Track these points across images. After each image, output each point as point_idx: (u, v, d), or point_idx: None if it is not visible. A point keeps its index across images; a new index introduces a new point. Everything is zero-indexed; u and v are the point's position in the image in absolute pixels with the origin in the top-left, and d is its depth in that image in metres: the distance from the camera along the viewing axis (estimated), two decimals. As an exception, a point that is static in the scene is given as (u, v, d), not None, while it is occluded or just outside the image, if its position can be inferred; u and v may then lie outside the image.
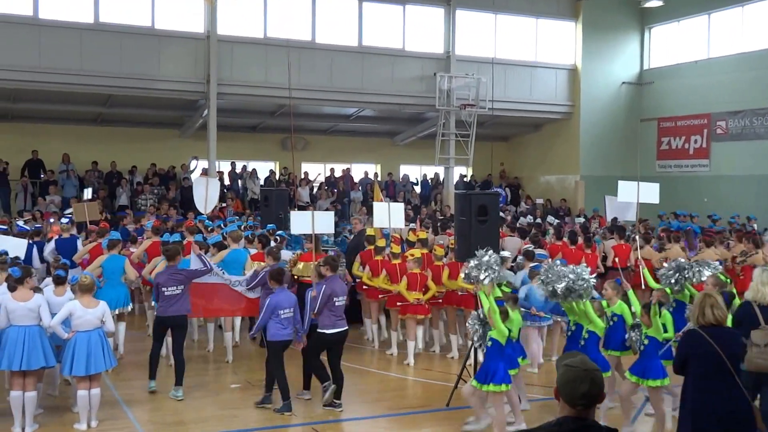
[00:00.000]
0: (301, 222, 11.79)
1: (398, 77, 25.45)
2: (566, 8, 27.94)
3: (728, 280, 9.97)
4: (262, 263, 11.22)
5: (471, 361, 9.69)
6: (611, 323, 9.18)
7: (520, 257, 13.79)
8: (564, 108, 28.07)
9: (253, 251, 12.66)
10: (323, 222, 11.85)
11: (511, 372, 8.55)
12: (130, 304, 11.93)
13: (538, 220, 22.61)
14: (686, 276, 9.93)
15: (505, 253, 12.94)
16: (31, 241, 13.37)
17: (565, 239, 15.88)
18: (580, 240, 15.45)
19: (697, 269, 9.93)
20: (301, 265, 12.21)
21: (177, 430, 8.76)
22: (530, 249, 13.54)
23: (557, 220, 21.22)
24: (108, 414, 9.00)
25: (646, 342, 8.39)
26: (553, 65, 27.84)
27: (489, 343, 8.24)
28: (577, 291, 8.37)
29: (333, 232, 13.76)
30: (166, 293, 9.76)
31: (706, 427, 6.01)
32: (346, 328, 9.59)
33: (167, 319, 9.90)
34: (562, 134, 28.63)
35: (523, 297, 11.08)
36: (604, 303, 9.28)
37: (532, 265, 12.63)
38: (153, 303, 11.00)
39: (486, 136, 28.37)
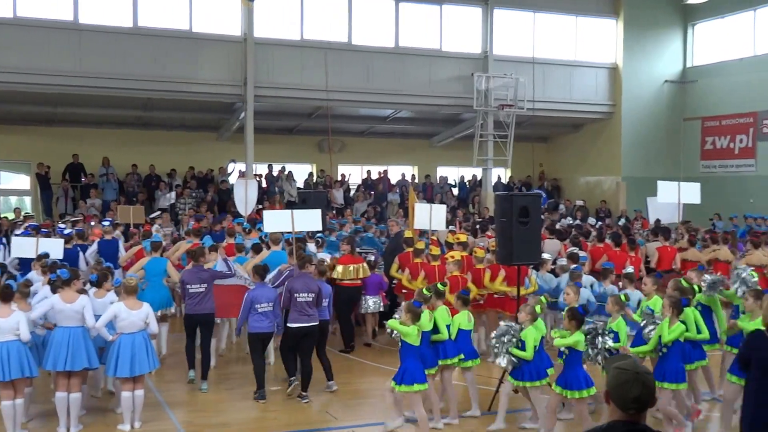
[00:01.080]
0: (276, 220, 11.79)
1: (435, 78, 25.24)
2: (607, 5, 27.48)
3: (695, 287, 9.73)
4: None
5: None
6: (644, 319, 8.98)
7: (559, 260, 13.52)
8: (605, 108, 27.61)
9: (325, 254, 12.62)
10: (309, 220, 11.86)
11: (430, 371, 8.66)
12: (173, 305, 11.91)
13: (578, 222, 22.26)
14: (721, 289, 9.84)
15: (545, 256, 12.71)
16: (76, 244, 13.46)
17: (607, 241, 15.53)
18: (624, 242, 15.09)
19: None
20: (339, 269, 12.07)
21: (214, 433, 8.69)
22: (575, 251, 13.26)
23: (599, 222, 20.84)
24: (151, 415, 9.00)
25: (566, 353, 8.11)
26: (593, 64, 27.41)
27: (400, 344, 8.36)
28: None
29: (320, 229, 13.45)
30: (190, 290, 10.13)
31: (760, 427, 5.95)
32: (312, 324, 9.75)
33: (193, 316, 10.22)
34: (603, 134, 28.16)
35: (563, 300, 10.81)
36: (622, 296, 9.16)
37: (573, 266, 12.39)
38: None
39: (525, 136, 28.02)
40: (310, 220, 12.04)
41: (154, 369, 8.95)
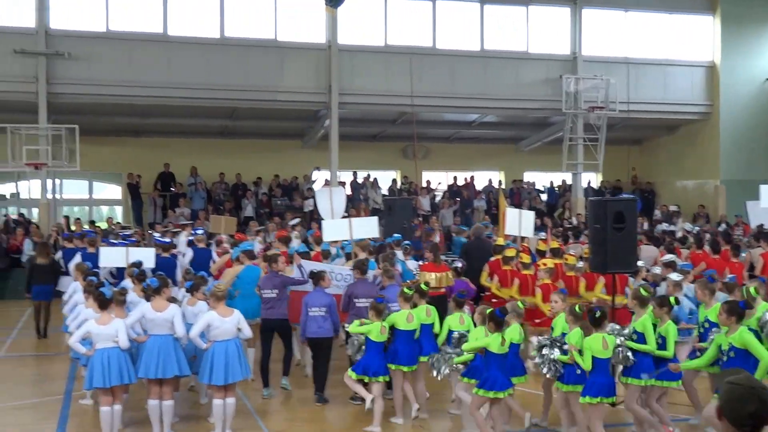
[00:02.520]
0: (335, 229, 12.03)
1: (522, 81, 24.68)
2: (702, 2, 26.30)
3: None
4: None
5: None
6: (703, 329, 8.50)
7: (655, 267, 12.79)
8: (701, 108, 26.41)
9: (417, 262, 12.45)
10: (365, 228, 12.04)
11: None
12: (262, 314, 11.78)
13: (673, 228, 21.30)
14: None
15: (640, 263, 12.07)
16: (171, 253, 13.56)
17: (706, 248, 14.67)
18: (724, 248, 14.21)
19: None
20: (424, 276, 11.71)
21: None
22: (672, 259, 12.53)
23: (696, 227, 19.87)
24: (242, 424, 8.94)
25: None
26: (688, 63, 26.27)
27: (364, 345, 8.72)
28: None
29: (377, 236, 13.28)
30: (264, 296, 10.21)
31: None
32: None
33: (268, 321, 10.22)
34: (700, 136, 26.95)
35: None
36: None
37: (671, 275, 11.67)
38: None
39: (616, 139, 27.13)
40: (367, 228, 12.27)
41: (246, 377, 8.86)
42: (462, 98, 24.09)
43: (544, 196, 27.56)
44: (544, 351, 8.02)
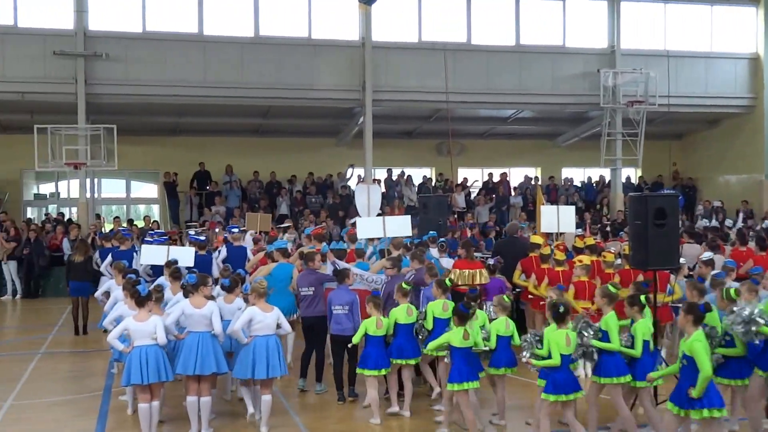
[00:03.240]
0: (369, 227, 12.20)
1: (559, 75, 24.38)
2: (745, -7, 25.80)
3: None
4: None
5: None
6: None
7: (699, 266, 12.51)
8: (745, 101, 25.86)
9: (448, 260, 12.39)
10: (398, 226, 12.15)
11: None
12: (297, 311, 11.77)
13: (716, 224, 20.87)
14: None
15: (682, 260, 11.80)
16: (209, 251, 13.63)
17: (751, 245, 14.31)
18: (770, 245, 13.83)
19: None
20: (456, 273, 11.59)
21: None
22: (711, 257, 12.24)
23: (741, 223, 19.43)
24: (278, 421, 8.93)
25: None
26: (731, 55, 25.73)
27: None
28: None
29: (410, 234, 13.23)
30: (301, 293, 10.27)
31: None
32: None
33: (306, 319, 10.26)
34: (744, 129, 26.38)
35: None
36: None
37: (714, 273, 11.38)
38: None
39: (656, 134, 26.71)
40: (400, 226, 12.34)
41: (283, 374, 8.83)
42: (497, 94, 23.86)
43: (581, 193, 27.22)
44: (525, 344, 8.10)
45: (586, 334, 7.96)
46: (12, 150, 23.31)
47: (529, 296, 12.33)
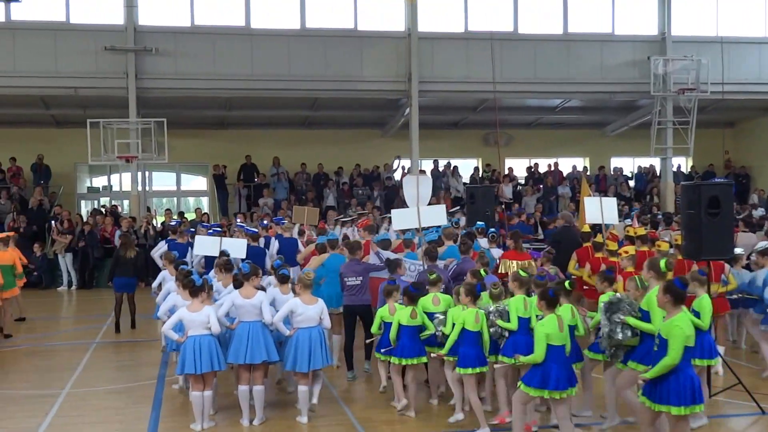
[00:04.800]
0: (404, 218, 12.37)
1: (607, 63, 24.06)
2: (801, -25, 25.10)
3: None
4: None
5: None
6: None
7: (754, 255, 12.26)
8: (800, 87, 25.23)
9: (498, 251, 12.38)
10: (433, 216, 12.30)
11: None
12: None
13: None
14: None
15: (738, 250, 11.59)
16: (260, 243, 13.73)
17: (808, 234, 13.99)
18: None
19: None
20: (506, 264, 11.54)
21: (393, 429, 8.52)
22: (766, 246, 11.98)
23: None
24: (327, 410, 9.03)
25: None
26: (786, 39, 25.10)
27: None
28: None
29: (445, 224, 13.24)
30: (347, 283, 10.35)
31: None
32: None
33: (350, 307, 10.38)
34: (798, 116, 25.78)
35: None
36: None
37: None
38: None
39: (708, 122, 26.22)
40: (435, 216, 12.51)
41: (329, 365, 8.97)
42: (545, 83, 23.65)
43: (631, 182, 26.87)
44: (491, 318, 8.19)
45: (493, 316, 8.16)
46: (66, 144, 23.81)
47: (584, 286, 12.24)
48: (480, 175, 25.71)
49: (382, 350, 8.86)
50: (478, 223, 13.93)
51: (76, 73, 21.29)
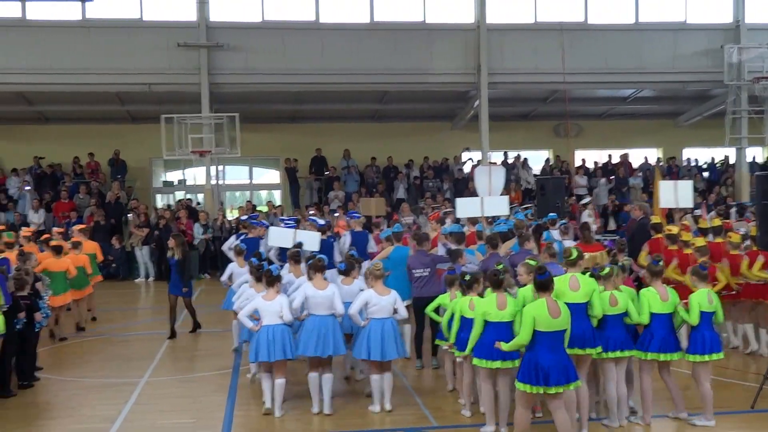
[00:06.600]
0: (468, 206, 12.63)
1: (680, 53, 23.58)
2: None
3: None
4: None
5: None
6: None
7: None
8: None
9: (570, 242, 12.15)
10: (496, 205, 12.69)
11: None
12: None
13: None
14: None
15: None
16: (330, 235, 13.87)
17: None
18: None
19: None
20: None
21: (464, 420, 8.53)
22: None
23: None
24: (399, 400, 9.10)
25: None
26: None
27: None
28: None
29: (508, 213, 13.43)
30: (415, 275, 10.46)
31: None
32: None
33: (419, 299, 10.36)
34: None
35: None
36: None
37: None
38: None
39: (785, 111, 25.37)
40: (498, 205, 12.85)
41: (402, 356, 9.04)
42: (616, 73, 23.33)
43: (705, 173, 26.25)
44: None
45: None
46: (141, 139, 24.43)
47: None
48: (551, 167, 25.47)
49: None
50: (550, 214, 13.84)
51: (149, 69, 21.89)
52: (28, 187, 23.07)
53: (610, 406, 7.88)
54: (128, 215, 21.93)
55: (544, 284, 7.06)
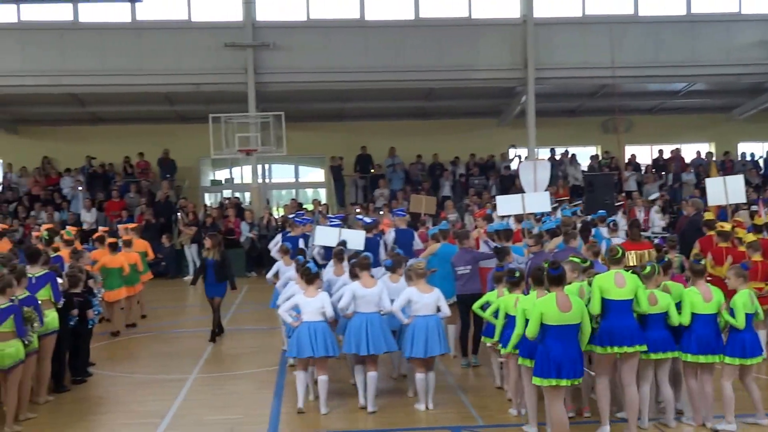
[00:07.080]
0: (509, 204, 12.64)
1: (734, 44, 23.03)
2: None
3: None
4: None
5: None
6: None
7: None
8: None
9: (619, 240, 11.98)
10: (538, 202, 12.65)
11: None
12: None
13: None
14: None
15: None
16: (376, 233, 13.83)
17: None
18: None
19: None
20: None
21: (510, 419, 8.44)
22: None
23: None
24: (443, 398, 9.06)
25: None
26: None
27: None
28: None
29: (549, 210, 13.35)
30: (458, 272, 10.44)
31: None
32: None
33: (462, 296, 10.40)
34: None
35: None
36: None
37: None
38: None
39: None
40: (539, 202, 12.78)
41: (445, 352, 9.00)
42: (667, 66, 22.87)
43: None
44: None
45: None
46: (190, 139, 24.63)
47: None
48: (599, 163, 25.07)
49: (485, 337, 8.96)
50: (599, 211, 13.60)
51: (197, 70, 22.13)
52: (80, 187, 23.49)
53: (631, 406, 7.57)
54: (177, 214, 22.18)
55: (556, 278, 7.04)
